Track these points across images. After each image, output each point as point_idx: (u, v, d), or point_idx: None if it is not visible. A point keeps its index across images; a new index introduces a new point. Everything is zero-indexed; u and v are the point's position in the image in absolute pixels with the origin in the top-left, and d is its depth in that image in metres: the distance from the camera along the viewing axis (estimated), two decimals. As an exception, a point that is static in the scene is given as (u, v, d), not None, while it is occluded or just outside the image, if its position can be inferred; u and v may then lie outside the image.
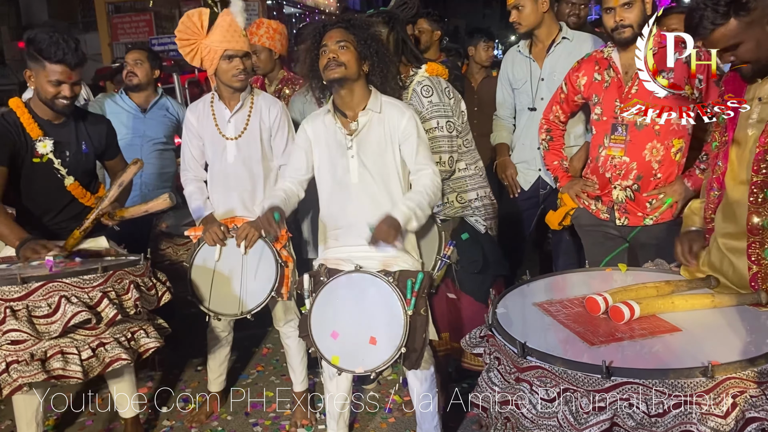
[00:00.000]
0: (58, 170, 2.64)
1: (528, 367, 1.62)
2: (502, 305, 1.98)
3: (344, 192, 2.48)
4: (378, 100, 2.46)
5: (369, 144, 2.44)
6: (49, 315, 2.15)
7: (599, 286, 1.98)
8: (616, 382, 1.45)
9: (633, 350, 1.62)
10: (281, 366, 3.57)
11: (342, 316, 2.42)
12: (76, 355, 2.22)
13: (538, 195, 3.30)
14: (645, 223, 2.66)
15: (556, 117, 2.97)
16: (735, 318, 1.79)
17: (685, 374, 1.43)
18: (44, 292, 2.16)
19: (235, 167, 2.82)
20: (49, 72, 2.46)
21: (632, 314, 1.78)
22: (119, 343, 2.31)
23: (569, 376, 1.52)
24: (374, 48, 2.41)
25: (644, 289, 1.93)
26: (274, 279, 2.75)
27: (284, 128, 2.85)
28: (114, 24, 8.25)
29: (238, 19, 2.65)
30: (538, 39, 3.23)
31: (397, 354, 2.32)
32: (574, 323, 1.80)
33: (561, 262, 3.32)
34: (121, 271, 2.34)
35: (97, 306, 2.22)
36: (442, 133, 2.65)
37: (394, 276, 2.40)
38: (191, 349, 3.61)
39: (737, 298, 1.87)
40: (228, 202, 2.87)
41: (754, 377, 1.45)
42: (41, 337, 2.15)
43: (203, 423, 3.07)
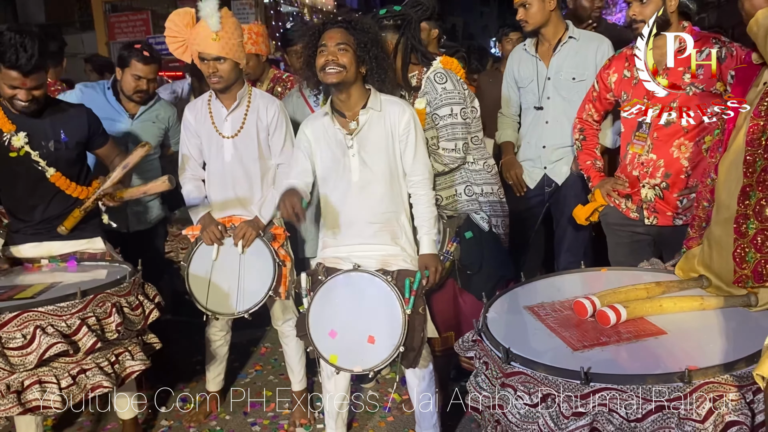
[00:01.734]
0: (37, 162, 2.64)
1: (512, 372, 1.68)
2: (493, 309, 2.02)
3: (345, 190, 2.53)
4: (378, 98, 2.51)
5: (370, 142, 2.49)
6: (24, 346, 2.11)
7: (592, 288, 2.02)
8: (595, 387, 1.50)
9: (615, 355, 1.67)
10: (279, 365, 3.63)
11: (340, 315, 2.47)
12: (54, 384, 2.19)
13: (544, 193, 3.31)
14: (675, 223, 2.68)
15: (589, 116, 2.99)
16: (722, 321, 1.83)
17: (663, 379, 1.48)
18: (19, 322, 2.12)
19: (231, 166, 2.87)
20: (3, 75, 2.45)
21: (618, 318, 1.82)
22: (101, 369, 2.30)
23: (550, 382, 1.58)
24: (373, 53, 2.44)
25: (634, 291, 1.97)
26: (271, 278, 2.79)
27: (282, 127, 2.88)
28: (111, 23, 8.26)
29: (210, 21, 2.65)
30: (544, 38, 3.23)
31: (396, 353, 2.37)
32: (561, 327, 1.85)
33: (563, 260, 3.33)
34: (102, 294, 2.32)
35: (74, 334, 2.19)
36: (456, 120, 2.70)
37: (393, 275, 2.45)
38: (189, 348, 3.66)
39: (726, 301, 1.88)
40: (225, 201, 2.92)
41: (733, 381, 1.48)
42: (15, 370, 2.12)
43: (201, 423, 3.13)
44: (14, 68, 2.40)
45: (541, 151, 3.25)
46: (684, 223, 2.60)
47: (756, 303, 1.85)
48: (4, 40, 2.36)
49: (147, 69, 3.24)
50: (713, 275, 1.99)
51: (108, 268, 2.67)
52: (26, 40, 2.38)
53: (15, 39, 2.36)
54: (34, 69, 2.43)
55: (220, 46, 2.67)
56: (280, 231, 2.89)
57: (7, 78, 2.44)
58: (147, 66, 3.23)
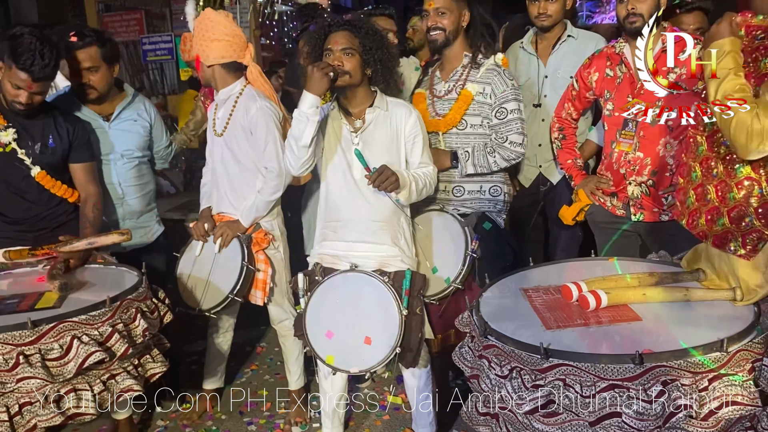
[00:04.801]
0: (23, 160, 2.73)
1: (488, 345, 1.83)
2: (493, 289, 2.20)
3: (346, 187, 2.59)
4: (384, 99, 2.60)
5: (375, 140, 2.56)
6: (61, 356, 2.16)
7: (591, 275, 2.13)
8: (552, 363, 1.64)
9: (582, 336, 1.82)
10: (276, 365, 3.70)
11: (337, 315, 2.53)
12: (88, 391, 2.25)
13: (539, 192, 3.38)
14: (661, 219, 2.77)
15: (568, 114, 3.08)
16: (701, 311, 1.94)
17: (616, 360, 1.62)
18: (55, 333, 2.17)
19: (221, 163, 2.97)
20: (13, 73, 2.56)
21: (598, 303, 1.94)
22: (128, 373, 2.37)
23: (516, 355, 1.73)
24: (378, 56, 2.49)
25: (623, 279, 2.07)
26: (234, 281, 2.82)
27: (263, 128, 2.82)
28: (104, 23, 8.29)
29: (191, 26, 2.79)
30: (544, 36, 3.30)
31: (392, 354, 2.43)
32: (546, 309, 2.01)
33: (558, 258, 3.39)
34: (126, 300, 2.38)
35: (107, 341, 2.26)
36: (521, 116, 2.77)
37: (390, 276, 2.52)
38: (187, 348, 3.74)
39: (711, 293, 1.96)
40: (219, 197, 3.03)
41: (688, 367, 1.58)
42: (55, 380, 2.16)
43: (196, 422, 3.18)
44: (26, 71, 2.53)
45: (537, 149, 3.32)
46: (669, 219, 2.68)
47: (741, 298, 1.91)
48: (24, 42, 2.50)
49: (84, 54, 2.86)
50: (711, 267, 2.06)
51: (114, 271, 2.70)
52: (45, 49, 2.52)
53: (35, 44, 2.50)
54: (44, 77, 2.58)
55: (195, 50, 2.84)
56: (262, 235, 2.91)
57: (15, 77, 2.56)
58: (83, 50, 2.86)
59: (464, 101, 2.79)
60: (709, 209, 1.97)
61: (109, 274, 2.66)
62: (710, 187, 1.95)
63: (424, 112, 2.86)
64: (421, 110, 2.79)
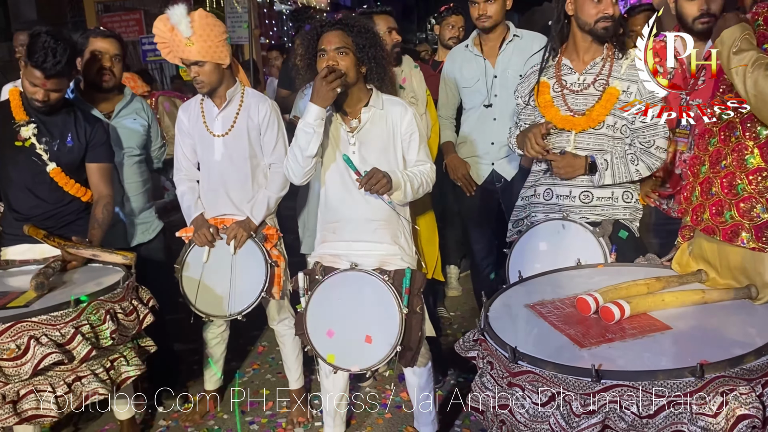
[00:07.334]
0: (40, 155, 2.69)
1: (519, 371, 1.64)
2: (493, 308, 2.01)
3: (345, 186, 2.52)
4: (379, 97, 2.52)
5: (371, 140, 2.49)
6: (18, 357, 2.10)
7: (592, 285, 2.01)
8: (606, 385, 1.48)
9: (623, 351, 1.64)
10: (277, 364, 3.63)
11: (337, 314, 2.47)
12: (50, 393, 2.19)
13: (495, 188, 3.36)
14: None
15: None
16: (725, 313, 1.82)
17: (674, 375, 1.45)
18: (12, 333, 2.10)
19: (222, 165, 2.86)
20: (28, 71, 2.56)
21: (623, 314, 1.81)
22: (96, 375, 2.29)
23: (560, 380, 1.54)
24: (372, 53, 2.44)
25: (635, 286, 1.96)
26: (263, 279, 2.78)
27: (274, 126, 2.86)
28: (103, 23, 8.15)
29: (180, 28, 2.64)
30: (489, 38, 3.28)
31: (393, 353, 2.37)
32: (565, 325, 1.83)
33: None
34: (96, 301, 2.29)
35: (69, 343, 2.17)
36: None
37: (390, 275, 2.44)
38: (188, 348, 3.66)
39: (727, 293, 1.90)
40: (217, 200, 2.91)
41: (743, 375, 1.48)
42: (10, 381, 2.11)
43: (198, 422, 3.11)
44: (38, 68, 2.51)
45: (489, 148, 3.32)
46: None
47: (756, 295, 1.87)
48: (39, 41, 2.50)
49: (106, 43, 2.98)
50: (709, 266, 2.02)
51: (100, 271, 2.61)
52: (59, 47, 2.51)
53: (48, 43, 2.49)
54: (57, 74, 2.55)
55: (196, 50, 2.67)
56: (272, 231, 2.88)
57: (30, 75, 2.56)
58: (106, 39, 2.99)
59: (610, 100, 2.49)
60: (713, 203, 1.91)
61: (97, 274, 2.55)
62: (715, 180, 1.90)
63: (549, 104, 2.58)
64: (545, 102, 2.57)
